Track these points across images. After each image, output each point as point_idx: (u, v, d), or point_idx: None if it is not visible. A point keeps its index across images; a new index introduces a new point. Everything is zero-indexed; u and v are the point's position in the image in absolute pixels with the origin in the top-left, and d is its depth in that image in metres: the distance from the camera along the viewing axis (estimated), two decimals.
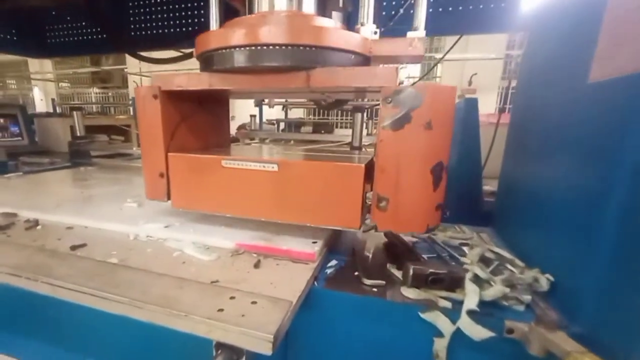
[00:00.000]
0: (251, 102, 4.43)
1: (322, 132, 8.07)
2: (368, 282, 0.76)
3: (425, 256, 0.91)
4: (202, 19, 2.05)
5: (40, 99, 9.87)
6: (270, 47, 0.70)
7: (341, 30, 0.76)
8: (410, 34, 0.77)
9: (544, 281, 0.70)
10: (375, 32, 0.81)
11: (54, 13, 2.34)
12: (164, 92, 0.86)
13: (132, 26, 2.16)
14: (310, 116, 9.48)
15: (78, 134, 2.17)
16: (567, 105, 0.74)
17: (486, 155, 1.71)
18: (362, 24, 0.79)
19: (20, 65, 10.21)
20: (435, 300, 0.69)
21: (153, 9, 2.11)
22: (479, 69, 8.13)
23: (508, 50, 8.15)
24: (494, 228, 1.15)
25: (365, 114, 1.57)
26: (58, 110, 7.81)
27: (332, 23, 0.80)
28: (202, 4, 2.03)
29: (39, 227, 0.99)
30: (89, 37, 2.32)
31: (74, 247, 0.84)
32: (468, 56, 7.54)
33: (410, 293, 0.72)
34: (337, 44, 0.72)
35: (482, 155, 1.73)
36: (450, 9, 1.63)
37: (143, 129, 0.89)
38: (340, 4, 0.87)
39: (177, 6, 2.06)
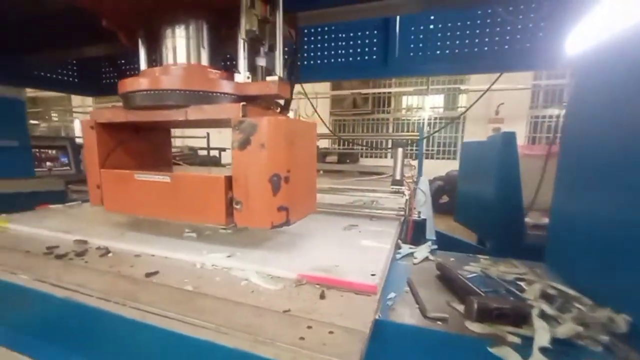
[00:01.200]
0: None
1: (347, 161, 8.22)
2: (431, 314, 0.79)
3: (482, 290, 0.93)
4: None
5: (79, 130, 10.64)
6: (164, 91, 1.00)
7: (217, 79, 1.04)
8: (268, 78, 1.02)
9: (622, 322, 0.70)
10: (248, 77, 1.06)
11: (106, 62, 2.66)
12: (99, 123, 1.16)
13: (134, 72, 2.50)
14: (335, 145, 9.68)
15: None
16: (627, 143, 0.78)
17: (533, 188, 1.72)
18: (236, 72, 1.06)
19: (64, 100, 11.13)
20: (503, 335, 0.71)
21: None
22: (505, 98, 8.15)
23: (535, 81, 8.16)
24: (549, 263, 1.15)
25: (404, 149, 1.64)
26: None
27: (214, 74, 1.08)
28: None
29: (110, 255, 1.08)
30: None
31: (148, 274, 0.91)
32: (495, 86, 7.60)
33: (475, 327, 0.74)
34: (213, 89, 1.01)
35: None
36: (496, 48, 1.72)
37: (85, 152, 1.19)
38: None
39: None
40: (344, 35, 1.97)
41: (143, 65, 1.21)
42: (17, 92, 2.06)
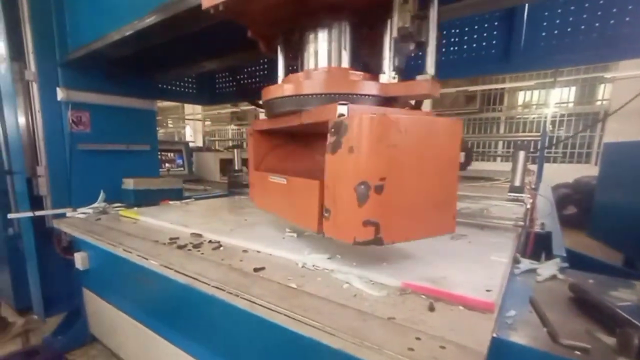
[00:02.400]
0: None
1: None
2: (566, 342, 0.70)
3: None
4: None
5: (190, 135, 12.31)
6: (304, 96, 1.04)
7: (359, 80, 1.03)
8: (418, 78, 0.98)
9: None
10: (394, 77, 1.04)
11: (218, 75, 3.11)
12: (256, 131, 1.34)
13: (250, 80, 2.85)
14: None
15: (236, 167, 2.62)
16: None
17: None
18: (382, 73, 1.05)
19: (178, 108, 13.05)
20: None
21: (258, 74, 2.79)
22: None
23: None
24: None
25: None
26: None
27: (356, 76, 1.06)
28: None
29: (221, 248, 1.22)
30: (233, 89, 3.04)
31: (256, 269, 1.01)
32: None
33: None
34: (354, 91, 1.01)
35: None
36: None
37: (248, 155, 1.39)
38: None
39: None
40: (455, 31, 1.87)
41: (281, 71, 1.27)
42: (150, 104, 2.50)
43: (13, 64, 1.91)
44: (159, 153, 2.84)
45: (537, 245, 1.39)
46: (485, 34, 1.78)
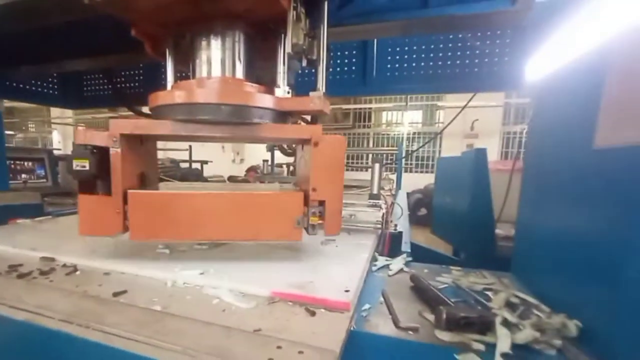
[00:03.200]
0: (261, 146, 4.60)
1: None
2: (403, 324, 0.79)
3: (452, 300, 0.93)
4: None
5: (59, 142, 10.28)
6: (203, 104, 0.93)
7: (258, 93, 0.99)
8: (311, 94, 1.00)
9: (573, 327, 0.73)
10: (288, 92, 1.05)
11: (87, 76, 2.64)
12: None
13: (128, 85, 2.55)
14: None
15: None
16: (578, 163, 0.82)
17: (501, 201, 1.76)
18: (277, 86, 1.05)
19: (42, 111, 10.77)
20: (469, 343, 0.71)
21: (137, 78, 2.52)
22: (480, 115, 8.43)
23: (507, 99, 8.50)
24: (514, 273, 1.17)
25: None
26: None
27: (253, 88, 1.03)
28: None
29: (78, 273, 1.02)
30: (107, 92, 2.65)
31: (116, 294, 0.87)
32: (471, 104, 7.81)
33: (444, 336, 0.74)
34: (250, 103, 0.96)
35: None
36: (467, 70, 1.78)
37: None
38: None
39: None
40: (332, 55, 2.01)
41: (170, 77, 1.14)
42: None
43: None
44: (9, 162, 2.27)
45: (392, 244, 1.55)
46: (346, 60, 1.95)
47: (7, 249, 1.20)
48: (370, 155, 9.20)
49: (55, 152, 3.63)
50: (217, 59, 1.05)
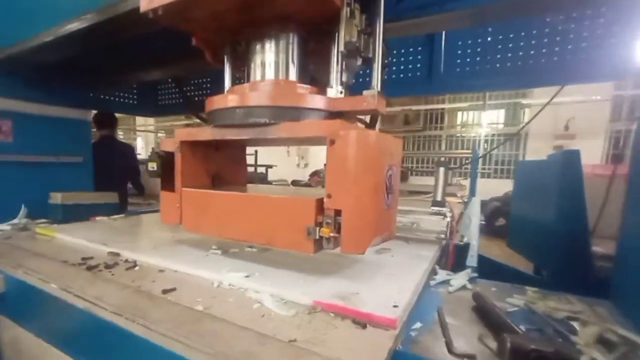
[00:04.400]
0: (324, 149, 4.64)
1: None
2: (458, 350, 0.70)
3: (523, 327, 0.80)
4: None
5: (142, 147, 11.70)
6: (252, 107, 0.96)
7: (308, 94, 0.99)
8: (365, 92, 0.95)
9: None
10: (341, 92, 1.01)
11: (161, 86, 2.96)
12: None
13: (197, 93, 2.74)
14: None
15: None
16: None
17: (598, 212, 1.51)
18: (330, 87, 1.02)
19: (128, 119, 12.38)
20: None
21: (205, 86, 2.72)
22: (578, 112, 7.44)
23: (617, 91, 7.31)
24: (615, 301, 0.98)
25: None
26: None
27: (304, 89, 1.03)
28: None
29: (136, 268, 1.12)
30: (179, 100, 2.92)
31: (165, 291, 0.92)
32: (565, 100, 6.94)
33: None
34: (304, 105, 0.96)
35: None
36: (556, 59, 1.57)
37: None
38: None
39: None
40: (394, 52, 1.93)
41: (227, 83, 1.19)
42: (83, 113, 2.30)
43: None
44: None
45: (458, 257, 1.42)
46: (411, 57, 1.84)
47: (83, 242, 1.37)
48: (443, 159, 8.75)
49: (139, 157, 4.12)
50: (270, 62, 1.07)
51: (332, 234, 0.86)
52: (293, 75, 1.08)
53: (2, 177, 1.87)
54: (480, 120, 8.70)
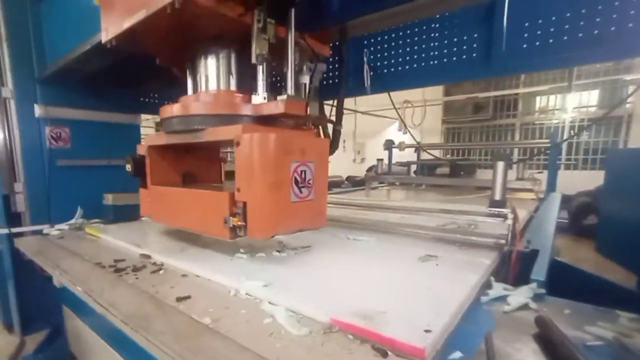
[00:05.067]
0: (381, 145, 4.46)
1: (462, 173, 7.47)
2: None
3: None
4: None
5: None
6: (189, 116, 1.16)
7: (235, 102, 1.16)
8: (279, 98, 1.09)
9: None
10: (265, 98, 1.13)
11: None
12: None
13: None
14: (448, 155, 8.96)
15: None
16: None
17: None
18: (255, 94, 1.14)
19: None
20: None
21: None
22: None
23: None
24: None
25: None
26: None
27: (235, 98, 1.19)
28: None
29: (161, 272, 1.12)
30: None
31: (179, 299, 0.90)
32: None
33: None
34: (226, 112, 1.13)
35: None
36: None
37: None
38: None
39: None
40: (435, 35, 1.71)
41: (190, 92, 1.33)
42: (133, 118, 2.46)
43: None
44: None
45: (522, 267, 1.21)
46: (465, 37, 1.62)
47: (121, 243, 1.43)
48: (516, 150, 7.93)
49: None
50: (204, 74, 1.25)
51: (240, 222, 1.02)
52: (227, 84, 1.24)
53: (62, 180, 2.06)
54: (564, 104, 7.73)
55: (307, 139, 1.13)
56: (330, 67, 1.89)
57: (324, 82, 1.85)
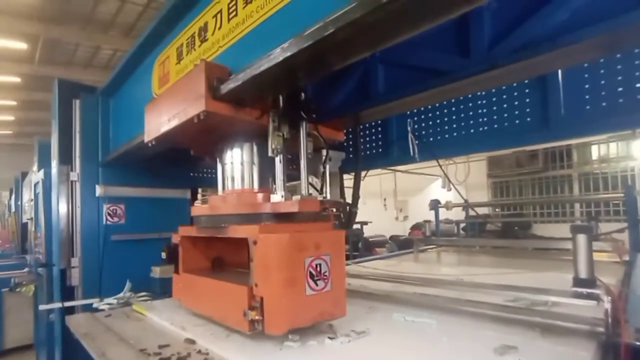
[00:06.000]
0: (424, 201, 4.30)
1: (516, 228, 6.93)
2: None
3: None
4: None
5: None
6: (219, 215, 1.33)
7: (255, 202, 1.27)
8: (294, 197, 1.17)
9: None
10: (282, 196, 1.20)
11: None
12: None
13: None
14: (497, 210, 8.46)
15: None
16: None
17: None
18: (274, 193, 1.23)
19: None
20: None
21: None
22: None
23: None
24: None
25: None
26: None
27: (256, 197, 1.29)
28: None
29: None
30: None
31: None
32: None
33: None
34: (252, 210, 1.25)
35: None
36: None
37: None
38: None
39: None
40: (482, 102, 1.67)
41: (220, 182, 1.47)
42: (183, 192, 2.58)
43: (61, 167, 2.09)
44: None
45: None
46: (516, 103, 1.55)
47: (166, 325, 1.38)
48: (577, 206, 7.31)
49: None
50: (228, 174, 1.40)
51: (257, 317, 1.06)
52: (250, 179, 1.38)
53: (114, 254, 2.12)
54: (629, 151, 7.19)
55: (322, 234, 1.18)
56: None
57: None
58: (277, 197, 1.21)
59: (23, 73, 9.25)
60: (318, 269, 1.11)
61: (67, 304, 1.97)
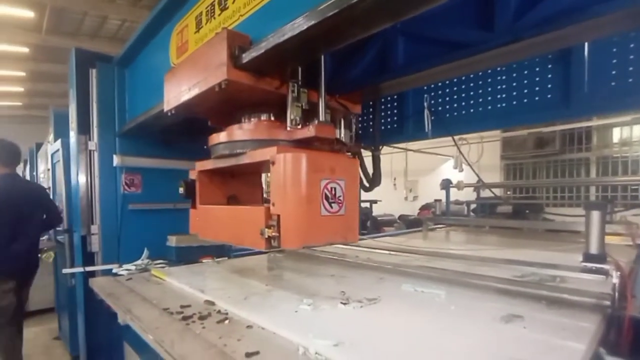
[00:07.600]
0: (435, 182, 4.31)
1: (527, 211, 6.91)
2: None
3: None
4: None
5: None
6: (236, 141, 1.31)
7: (274, 128, 1.30)
8: (310, 125, 1.19)
9: None
10: (298, 125, 1.23)
11: None
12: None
13: None
14: (509, 192, 8.42)
15: None
16: None
17: None
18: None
19: None
20: None
21: None
22: None
23: None
24: None
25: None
26: None
27: (273, 124, 1.33)
28: None
29: (226, 322, 1.11)
30: None
31: (248, 355, 0.88)
32: None
33: None
34: (269, 136, 1.26)
35: None
36: None
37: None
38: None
39: None
40: (502, 78, 1.65)
41: None
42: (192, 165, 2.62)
43: (79, 137, 2.15)
44: None
45: (637, 338, 1.04)
46: (537, 79, 1.54)
47: (185, 288, 1.47)
48: (593, 189, 7.24)
49: None
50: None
51: (274, 234, 1.11)
52: (268, 117, 1.38)
53: (131, 223, 2.21)
54: None
55: (337, 159, 1.23)
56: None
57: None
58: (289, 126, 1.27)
59: (31, 43, 9.26)
60: (333, 192, 1.17)
61: (89, 268, 2.08)
